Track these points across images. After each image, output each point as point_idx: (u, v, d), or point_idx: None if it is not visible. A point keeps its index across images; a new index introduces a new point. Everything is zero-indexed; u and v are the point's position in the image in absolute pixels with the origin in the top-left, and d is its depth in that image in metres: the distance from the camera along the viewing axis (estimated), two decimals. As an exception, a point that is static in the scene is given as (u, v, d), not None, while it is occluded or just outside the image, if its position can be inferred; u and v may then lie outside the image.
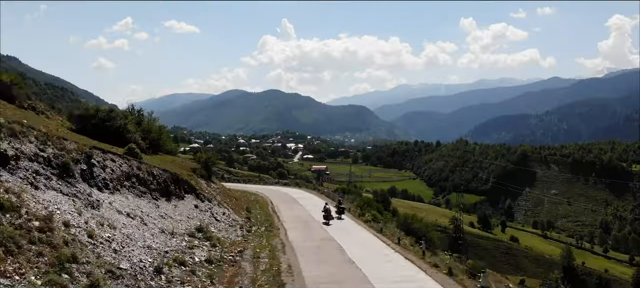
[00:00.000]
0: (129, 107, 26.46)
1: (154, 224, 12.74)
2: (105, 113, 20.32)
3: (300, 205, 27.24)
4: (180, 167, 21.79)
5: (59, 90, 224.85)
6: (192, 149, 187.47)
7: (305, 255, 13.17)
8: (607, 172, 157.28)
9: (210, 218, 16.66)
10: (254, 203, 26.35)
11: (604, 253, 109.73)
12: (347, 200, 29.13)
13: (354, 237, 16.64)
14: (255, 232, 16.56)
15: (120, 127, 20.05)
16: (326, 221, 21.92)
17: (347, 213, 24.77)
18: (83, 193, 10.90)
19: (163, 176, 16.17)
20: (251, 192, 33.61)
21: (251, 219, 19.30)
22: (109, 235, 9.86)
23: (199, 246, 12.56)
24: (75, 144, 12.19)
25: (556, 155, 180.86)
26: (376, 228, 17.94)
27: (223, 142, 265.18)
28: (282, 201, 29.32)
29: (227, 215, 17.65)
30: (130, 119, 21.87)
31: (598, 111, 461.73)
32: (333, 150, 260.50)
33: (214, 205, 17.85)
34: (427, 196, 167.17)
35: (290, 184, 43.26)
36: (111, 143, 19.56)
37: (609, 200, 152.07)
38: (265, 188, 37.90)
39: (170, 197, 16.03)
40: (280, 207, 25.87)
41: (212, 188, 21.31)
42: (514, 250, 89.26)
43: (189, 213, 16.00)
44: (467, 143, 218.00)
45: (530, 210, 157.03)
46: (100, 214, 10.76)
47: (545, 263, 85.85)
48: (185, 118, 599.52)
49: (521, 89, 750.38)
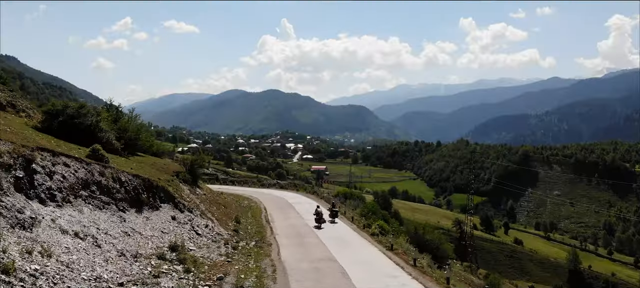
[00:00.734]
0: (106, 103, 23.96)
1: (113, 245, 10.26)
2: (74, 109, 17.85)
3: (296, 213, 24.72)
4: (162, 170, 19.32)
5: (57, 90, 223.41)
6: (191, 149, 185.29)
7: (301, 283, 10.68)
8: (610, 173, 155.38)
9: (190, 232, 14.19)
10: (245, 211, 23.82)
11: (608, 255, 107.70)
12: (350, 207, 26.66)
13: (359, 256, 14.04)
14: (242, 248, 14.07)
15: (92, 125, 17.59)
16: (318, 224, 21.17)
17: (345, 219, 22.34)
18: (11, 208, 8.42)
19: (133, 183, 13.69)
20: (245, 196, 31.02)
21: (240, 232, 16.78)
22: (37, 267, 7.39)
23: (167, 272, 10.09)
24: (10, 145, 9.71)
25: (558, 155, 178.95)
26: (385, 244, 15.23)
27: (222, 142, 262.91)
28: (277, 207, 26.83)
29: (210, 228, 15.16)
30: (104, 116, 19.38)
31: (598, 111, 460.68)
32: (333, 150, 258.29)
33: (196, 216, 15.36)
34: (428, 197, 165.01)
35: (288, 187, 40.78)
36: (81, 143, 17.17)
37: (612, 201, 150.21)
38: (260, 193, 35.31)
39: (142, 208, 13.55)
40: (274, 215, 23.38)
41: (197, 195, 18.80)
42: (518, 253, 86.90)
43: (163, 227, 13.52)
44: (468, 143, 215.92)
45: (533, 211, 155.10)
46: (33, 236, 8.29)
47: (550, 267, 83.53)
48: (184, 118, 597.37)
49: (521, 89, 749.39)
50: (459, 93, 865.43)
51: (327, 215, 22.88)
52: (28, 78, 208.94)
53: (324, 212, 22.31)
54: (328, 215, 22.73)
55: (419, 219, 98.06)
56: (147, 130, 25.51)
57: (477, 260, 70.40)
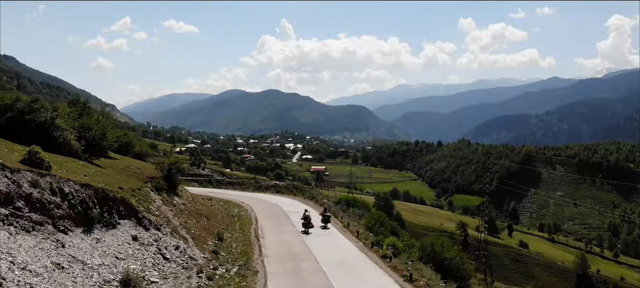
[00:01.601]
0: (73, 98, 21.07)
1: (30, 286, 7.38)
2: (25, 103, 14.98)
3: (291, 224, 21.60)
4: (133, 176, 16.42)
5: (54, 90, 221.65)
6: (188, 149, 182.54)
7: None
8: (613, 173, 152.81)
9: (155, 256, 11.29)
10: (233, 222, 20.72)
11: (614, 258, 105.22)
12: (354, 217, 23.64)
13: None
14: (220, 277, 11.10)
15: (46, 122, 14.71)
16: (305, 230, 19.84)
17: (349, 234, 19.46)
18: None
19: (81, 194, 10.80)
20: (236, 202, 27.99)
21: (220, 252, 13.78)
22: None
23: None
24: None
25: (561, 155, 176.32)
26: (402, 272, 11.79)
27: (221, 142, 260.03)
28: (270, 216, 23.77)
29: (182, 250, 12.23)
30: (64, 112, 16.50)
31: (598, 111, 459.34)
32: (332, 150, 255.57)
33: (165, 235, 12.43)
34: (429, 198, 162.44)
35: (285, 190, 37.67)
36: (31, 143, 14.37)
37: (617, 202, 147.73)
38: (254, 198, 32.25)
39: (92, 227, 10.66)
40: (266, 227, 20.32)
41: (173, 206, 15.84)
42: (524, 257, 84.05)
43: (119, 252, 10.62)
44: (470, 143, 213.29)
45: (536, 213, 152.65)
46: None
47: (558, 271, 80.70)
48: (184, 118, 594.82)
49: (521, 89, 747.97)
50: (459, 93, 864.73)
51: (318, 219, 21.67)
52: (25, 77, 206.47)
53: (312, 217, 20.88)
54: (320, 220, 21.46)
55: (422, 222, 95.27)
56: (114, 126, 22.39)
57: (492, 272, 67.60)
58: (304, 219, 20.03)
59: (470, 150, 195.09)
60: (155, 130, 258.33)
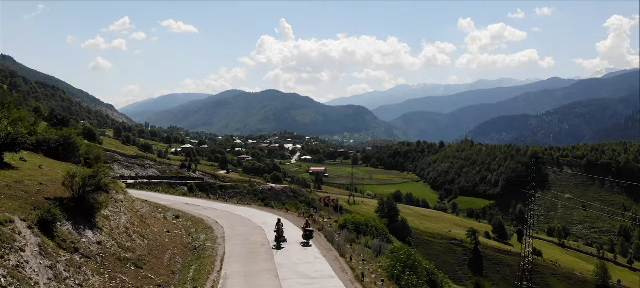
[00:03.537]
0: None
1: None
2: None
3: (272, 271, 14.06)
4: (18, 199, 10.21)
5: (49, 89, 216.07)
6: (184, 150, 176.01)
7: None
8: (622, 175, 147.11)
9: None
10: (187, 265, 13.75)
11: (629, 264, 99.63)
12: (370, 254, 16.26)
13: None
14: None
15: None
16: (277, 244, 17.40)
17: (356, 280, 12.75)
18: None
19: None
20: (207, 225, 21.08)
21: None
22: None
23: None
24: None
25: (569, 156, 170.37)
26: None
27: (218, 142, 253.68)
28: (244, 253, 16.41)
29: None
30: None
31: (599, 112, 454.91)
32: (332, 151, 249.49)
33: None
34: (432, 200, 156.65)
35: (275, 203, 31.34)
36: None
37: (627, 204, 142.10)
38: (236, 215, 25.53)
39: None
40: (231, 278, 13.11)
41: (61, 257, 9.29)
42: (539, 267, 78.02)
43: None
44: (473, 143, 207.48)
45: (544, 216, 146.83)
46: None
47: (577, 283, 74.71)
48: (183, 118, 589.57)
49: (520, 89, 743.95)
50: (458, 93, 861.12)
51: (300, 234, 18.96)
52: (20, 77, 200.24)
53: (282, 230, 17.93)
54: (301, 235, 18.75)
55: (429, 228, 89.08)
56: (27, 113, 16.12)
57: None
58: (276, 231, 17.61)
59: (474, 151, 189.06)
60: (153, 130, 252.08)
